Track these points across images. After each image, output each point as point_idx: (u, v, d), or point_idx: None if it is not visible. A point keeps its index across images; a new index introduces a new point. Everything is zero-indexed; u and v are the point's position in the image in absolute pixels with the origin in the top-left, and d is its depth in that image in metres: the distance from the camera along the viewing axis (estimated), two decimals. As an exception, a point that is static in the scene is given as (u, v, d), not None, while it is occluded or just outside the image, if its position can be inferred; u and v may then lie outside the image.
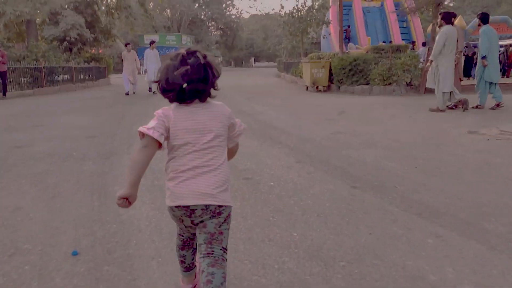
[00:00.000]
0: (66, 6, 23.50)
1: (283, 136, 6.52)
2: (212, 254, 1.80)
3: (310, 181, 4.10)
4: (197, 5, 58.08)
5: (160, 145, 1.82)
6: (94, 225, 3.13)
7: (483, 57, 8.75)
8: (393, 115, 8.55)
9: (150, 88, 15.49)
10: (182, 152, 1.82)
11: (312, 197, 3.65)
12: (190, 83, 1.74)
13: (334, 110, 9.57)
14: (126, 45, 16.15)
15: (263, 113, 9.39)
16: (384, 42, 22.08)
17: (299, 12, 24.07)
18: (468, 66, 16.43)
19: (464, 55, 15.08)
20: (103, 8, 27.34)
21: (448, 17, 8.52)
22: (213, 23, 60.16)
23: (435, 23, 13.15)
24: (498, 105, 8.84)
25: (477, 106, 8.96)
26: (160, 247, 2.76)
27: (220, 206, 1.81)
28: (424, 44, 17.76)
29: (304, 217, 3.20)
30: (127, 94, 15.23)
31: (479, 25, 9.18)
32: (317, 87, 15.39)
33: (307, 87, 16.11)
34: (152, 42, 15.73)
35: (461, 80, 9.23)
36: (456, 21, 21.78)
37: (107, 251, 2.71)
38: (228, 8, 62.72)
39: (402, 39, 23.52)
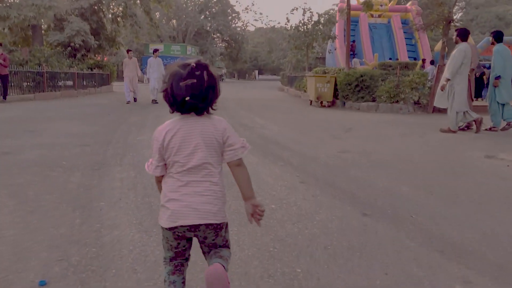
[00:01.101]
0: (71, 12, 23.30)
1: (286, 152, 6.14)
2: (221, 255, 1.92)
3: (316, 206, 3.72)
4: (203, 16, 58.11)
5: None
6: (71, 248, 2.75)
7: (497, 77, 8.39)
8: (403, 134, 8.18)
9: (153, 100, 14.99)
10: (176, 170, 1.83)
11: (319, 225, 3.26)
12: (192, 97, 1.74)
13: (340, 127, 9.21)
14: (127, 51, 15.80)
15: (265, 127, 9.03)
16: (390, 59, 21.81)
17: (305, 26, 23.86)
18: (476, 86, 16.06)
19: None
20: (109, 16, 27.16)
21: (465, 34, 8.17)
22: (218, 34, 60.10)
23: (445, 41, 12.88)
24: (509, 124, 8.48)
25: (490, 128, 8.59)
26: (142, 279, 2.38)
27: (221, 223, 1.87)
28: (432, 63, 17.43)
29: (309, 249, 2.82)
30: (128, 102, 14.89)
31: (492, 43, 8.83)
32: (321, 102, 15.06)
33: (311, 102, 15.79)
34: (155, 51, 15.35)
35: (472, 100, 8.85)
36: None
37: (80, 283, 2.32)
38: (233, 21, 62.78)
39: (409, 57, 23.28)
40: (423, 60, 19.64)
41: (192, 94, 1.74)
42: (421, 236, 3.05)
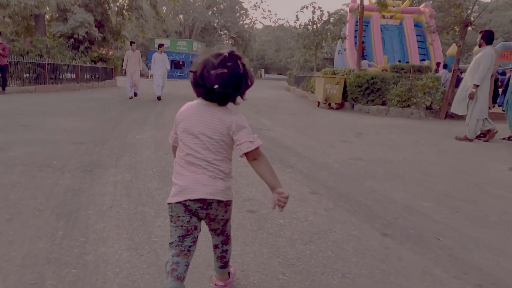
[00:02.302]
0: (74, 2, 22.88)
1: (294, 158, 5.74)
2: (225, 231, 2.10)
3: (330, 222, 3.32)
4: (210, 12, 57.64)
5: None
6: (48, 268, 2.36)
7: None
8: (416, 141, 7.76)
9: (159, 97, 14.44)
10: (183, 151, 1.90)
11: (334, 246, 2.86)
12: (222, 86, 1.77)
13: (349, 131, 8.80)
14: (131, 43, 15.19)
15: (271, 129, 8.62)
16: (399, 61, 21.33)
17: (315, 25, 23.42)
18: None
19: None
20: (114, 8, 26.76)
21: (490, 37, 7.70)
22: (225, 31, 59.63)
23: (461, 44, 12.43)
24: None
25: (509, 138, 8.16)
26: (127, 314, 1.99)
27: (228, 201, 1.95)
28: (445, 67, 16.95)
29: (324, 277, 2.42)
30: (130, 98, 14.49)
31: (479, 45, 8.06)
32: (329, 104, 14.64)
33: (318, 103, 15.37)
34: (160, 46, 14.77)
35: (489, 107, 8.42)
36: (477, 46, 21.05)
37: (52, 317, 1.94)
38: (241, 17, 62.31)
39: (420, 60, 22.80)
40: (438, 64, 19.11)
41: (222, 83, 1.76)
42: (452, 265, 2.64)
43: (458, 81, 13.11)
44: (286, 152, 6.16)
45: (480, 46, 7.82)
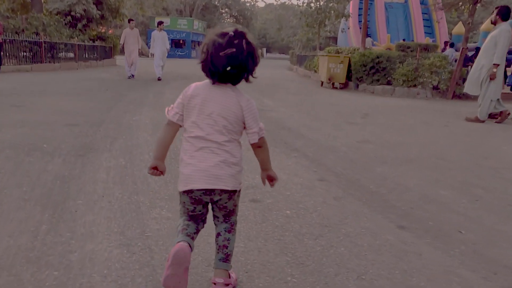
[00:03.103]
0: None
1: (299, 141, 5.44)
2: (229, 220, 1.99)
3: (340, 213, 3.04)
4: (211, -10, 56.76)
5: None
6: (26, 270, 2.09)
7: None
8: (425, 123, 7.45)
9: (159, 78, 13.93)
10: (191, 134, 1.83)
11: (346, 241, 2.58)
12: (233, 66, 1.73)
13: (355, 112, 8.48)
14: (129, 21, 14.61)
15: (274, 110, 8.31)
16: (404, 40, 20.82)
17: (318, 3, 22.85)
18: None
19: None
20: (114, -15, 26.09)
21: (507, 13, 7.25)
22: (226, 9, 58.76)
23: (470, 22, 12.01)
24: None
25: None
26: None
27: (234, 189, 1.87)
28: (452, 45, 16.50)
29: (338, 279, 2.15)
30: (129, 77, 14.11)
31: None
32: (333, 84, 14.26)
33: (322, 83, 15.00)
34: (160, 23, 14.26)
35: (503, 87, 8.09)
36: (484, 24, 20.55)
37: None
38: (243, -4, 61.30)
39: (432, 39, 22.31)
40: (445, 43, 18.63)
41: (232, 64, 1.72)
42: (479, 264, 2.37)
43: (465, 60, 12.74)
44: (291, 134, 5.86)
45: (495, 23, 7.41)
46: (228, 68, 1.73)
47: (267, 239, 2.55)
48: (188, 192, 1.85)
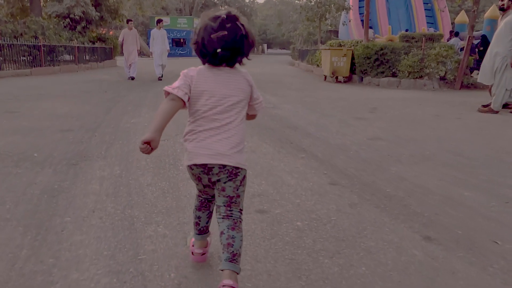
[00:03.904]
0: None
1: (306, 140, 5.13)
2: (231, 216, 1.87)
3: (357, 223, 2.72)
4: (210, -13, 56.29)
5: (184, 104, 1.82)
6: (1, 306, 1.79)
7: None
8: (436, 116, 7.11)
9: (160, 77, 13.62)
10: (201, 114, 1.81)
11: (367, 258, 2.27)
12: (224, 49, 1.74)
13: (362, 106, 8.15)
14: (127, 21, 14.26)
15: (278, 106, 8.00)
16: (407, 30, 20.39)
17: (318, -4, 22.44)
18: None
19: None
20: (112, -14, 25.78)
21: (522, -3, 6.92)
22: (226, 6, 58.15)
23: (475, 9, 11.65)
24: None
25: None
26: None
27: (236, 168, 1.83)
28: (457, 34, 16.09)
29: (362, 307, 1.84)
30: (129, 78, 13.78)
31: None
32: (337, 78, 13.93)
33: (325, 77, 14.67)
34: (159, 21, 13.88)
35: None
36: (488, 12, 20.15)
37: None
38: (242, -8, 60.76)
39: (428, 28, 21.87)
40: (450, 32, 18.19)
41: (224, 46, 1.73)
42: (525, 283, 2.06)
43: (472, 48, 12.36)
44: (297, 133, 5.55)
45: (507, 8, 7.05)
46: (219, 51, 1.74)
47: (277, 259, 2.24)
48: (189, 168, 1.88)
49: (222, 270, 1.76)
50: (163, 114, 1.76)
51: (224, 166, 1.80)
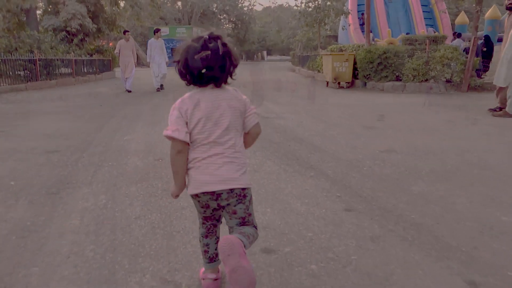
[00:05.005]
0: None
1: (314, 155, 4.68)
2: (242, 231, 1.82)
3: (383, 263, 2.27)
4: (208, -4, 56.02)
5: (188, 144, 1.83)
6: None
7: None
8: (450, 121, 6.66)
9: (158, 88, 13.24)
10: (202, 141, 1.81)
11: (403, 315, 1.81)
12: (208, 69, 1.74)
13: (369, 113, 7.70)
14: (124, 33, 13.73)
15: (281, 116, 7.56)
16: (408, 33, 20.01)
17: (316, 1, 22.06)
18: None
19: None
20: (108, -3, 25.49)
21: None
22: (224, 15, 57.99)
23: (478, 10, 11.28)
24: None
25: None
26: None
27: (243, 189, 1.84)
28: (459, 35, 15.68)
29: None
30: (128, 91, 13.32)
31: None
32: (339, 83, 13.49)
33: (327, 83, 14.23)
34: (156, 31, 13.36)
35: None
36: (488, 12, 19.82)
37: None
38: (240, 0, 60.50)
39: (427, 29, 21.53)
40: (454, 34, 17.79)
41: (208, 66, 1.73)
42: None
43: (477, 49, 11.95)
44: (303, 146, 5.10)
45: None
46: (204, 71, 1.73)
47: (290, 321, 1.79)
48: (196, 196, 1.86)
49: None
50: (182, 170, 1.84)
51: (232, 190, 1.80)
